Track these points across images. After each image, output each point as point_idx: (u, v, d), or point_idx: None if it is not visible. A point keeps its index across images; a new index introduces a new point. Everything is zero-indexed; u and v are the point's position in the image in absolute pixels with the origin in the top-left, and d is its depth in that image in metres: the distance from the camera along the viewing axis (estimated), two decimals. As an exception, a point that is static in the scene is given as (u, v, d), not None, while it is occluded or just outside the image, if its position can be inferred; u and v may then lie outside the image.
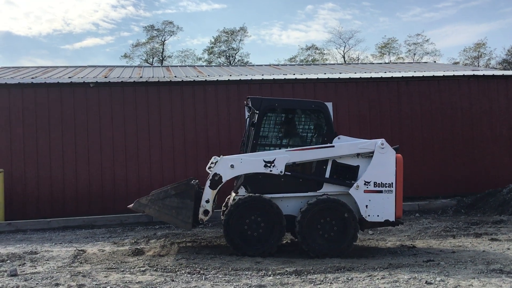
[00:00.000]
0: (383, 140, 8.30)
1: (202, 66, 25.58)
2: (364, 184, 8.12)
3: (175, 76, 16.15)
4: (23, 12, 75.56)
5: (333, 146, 8.24)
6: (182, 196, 8.08)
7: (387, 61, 45.45)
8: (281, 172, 8.10)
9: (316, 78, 14.84)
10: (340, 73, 16.70)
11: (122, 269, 7.08)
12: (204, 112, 14.03)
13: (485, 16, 73.44)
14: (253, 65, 24.59)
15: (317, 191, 8.24)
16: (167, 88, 14.09)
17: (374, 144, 8.26)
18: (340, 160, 8.33)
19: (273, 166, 8.09)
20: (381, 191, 8.12)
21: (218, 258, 7.74)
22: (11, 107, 13.38)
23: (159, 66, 24.58)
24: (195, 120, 13.97)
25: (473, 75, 15.22)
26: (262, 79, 14.64)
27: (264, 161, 8.11)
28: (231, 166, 8.14)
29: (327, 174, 8.31)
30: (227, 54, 51.12)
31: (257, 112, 8.43)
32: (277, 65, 23.44)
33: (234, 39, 51.08)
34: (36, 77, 15.43)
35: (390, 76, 15.25)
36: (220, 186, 8.19)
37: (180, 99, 14.02)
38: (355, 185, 8.12)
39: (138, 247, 8.87)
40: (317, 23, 75.48)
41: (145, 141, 13.75)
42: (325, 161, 8.30)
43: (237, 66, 31.47)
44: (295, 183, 8.26)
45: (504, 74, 15.43)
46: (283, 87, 14.44)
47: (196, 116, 13.98)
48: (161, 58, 50.38)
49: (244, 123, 9.36)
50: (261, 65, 22.09)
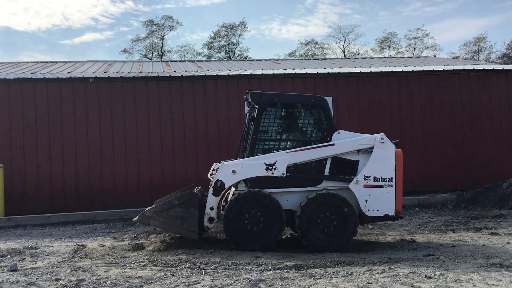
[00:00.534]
0: (383, 135, 8.28)
1: (202, 61, 25.53)
2: (364, 178, 8.11)
3: (175, 71, 16.13)
4: (22, 7, 75.47)
5: (333, 144, 8.23)
6: (186, 205, 8.07)
7: (387, 56, 45.33)
8: (283, 174, 8.12)
9: (316, 72, 14.81)
10: (340, 68, 16.67)
11: (122, 264, 7.09)
12: (204, 107, 14.00)
13: (485, 10, 73.39)
14: (253, 60, 24.55)
15: (317, 186, 8.24)
16: (167, 83, 14.06)
17: (374, 139, 8.24)
18: (340, 156, 8.32)
19: (275, 169, 8.09)
20: (380, 186, 8.12)
21: (218, 253, 7.74)
22: (11, 102, 13.36)
23: (159, 61, 24.53)
24: (194, 115, 13.95)
25: (473, 69, 15.18)
26: (262, 74, 14.60)
27: (265, 164, 8.10)
28: (233, 171, 8.13)
29: (327, 170, 8.30)
30: (227, 49, 51.07)
31: (257, 106, 8.40)
32: (277, 59, 23.40)
33: (233, 34, 51.04)
34: (35, 72, 15.41)
35: (390, 70, 15.22)
36: (223, 192, 8.20)
37: (179, 94, 14.00)
38: (354, 179, 8.11)
39: (138, 242, 8.88)
40: (317, 17, 75.43)
41: (144, 136, 13.74)
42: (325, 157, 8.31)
43: (236, 61, 31.39)
44: (295, 179, 8.26)
45: (504, 68, 15.39)
46: (283, 82, 14.42)
47: (195, 111, 13.96)
48: (160, 53, 50.30)
49: (244, 117, 9.33)
50: (261, 60, 22.07)
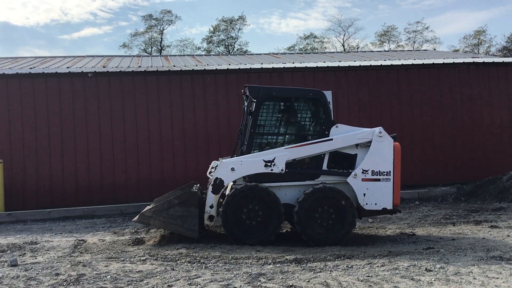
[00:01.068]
0: (381, 129, 8.28)
1: (201, 55, 25.49)
2: (362, 172, 8.13)
3: (174, 66, 16.09)
4: (21, 2, 75.22)
5: (332, 140, 8.23)
6: (186, 204, 8.00)
7: (386, 49, 45.23)
8: (282, 170, 8.10)
9: (315, 66, 14.77)
10: (340, 62, 16.62)
11: (123, 259, 7.09)
12: (203, 101, 13.98)
13: (485, 3, 73.18)
14: (252, 54, 24.48)
15: (315, 180, 8.24)
16: (166, 78, 14.03)
17: (372, 133, 8.24)
18: (338, 150, 8.32)
19: (274, 165, 8.07)
20: (378, 180, 8.13)
21: (218, 247, 7.74)
22: (9, 97, 13.33)
23: (158, 56, 24.47)
24: (194, 109, 13.92)
25: (473, 62, 15.14)
26: (261, 68, 14.57)
27: (264, 161, 8.08)
28: (232, 169, 8.08)
29: (325, 164, 8.30)
30: (226, 43, 50.92)
31: (255, 100, 8.38)
32: (276, 54, 23.34)
33: (233, 28, 50.87)
34: (34, 67, 15.36)
35: (389, 64, 15.18)
36: (222, 190, 8.15)
37: (179, 88, 13.96)
38: (353, 173, 8.13)
39: (138, 236, 8.89)
40: (316, 11, 75.17)
41: (144, 131, 13.72)
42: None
43: (236, 55, 31.28)
44: (293, 174, 8.25)
45: (504, 61, 15.36)
46: (282, 76, 14.39)
47: (195, 105, 13.93)
48: (159, 48, 50.15)
49: (242, 112, 9.30)
50: (260, 54, 22.01)
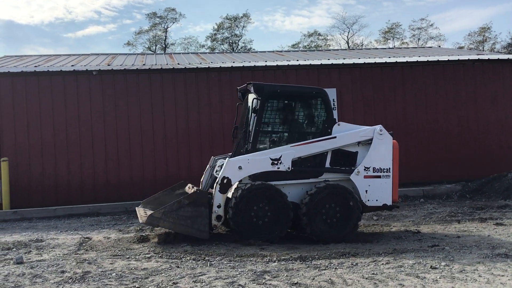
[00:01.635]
0: (381, 126, 8.45)
1: (205, 53, 25.48)
2: (364, 169, 8.28)
3: (178, 63, 16.09)
4: (25, 1, 75.47)
5: (335, 137, 8.33)
6: (196, 204, 7.83)
7: (391, 47, 45.09)
8: (288, 168, 8.13)
9: (319, 64, 14.75)
10: (344, 59, 16.59)
11: (128, 256, 7.11)
12: (208, 98, 13.98)
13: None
14: (256, 52, 24.43)
15: (318, 178, 8.31)
16: (170, 76, 14.04)
17: (373, 131, 8.41)
18: (341, 148, 8.42)
19: (280, 163, 8.10)
20: (379, 176, 8.30)
21: (223, 245, 7.74)
22: (15, 95, 13.38)
23: (162, 54, 24.49)
24: (198, 106, 13.93)
25: (478, 59, 15.10)
26: (266, 65, 14.56)
27: (270, 159, 8.10)
28: (239, 167, 8.02)
29: (328, 162, 8.39)
30: (230, 41, 50.88)
31: (259, 98, 8.37)
32: (281, 51, 23.28)
33: (237, 26, 50.83)
34: (39, 65, 15.40)
35: (394, 61, 15.14)
36: (229, 189, 8.03)
37: (183, 86, 13.97)
38: (355, 171, 8.26)
39: (143, 234, 8.90)
40: (320, 8, 74.96)
41: (148, 129, 13.74)
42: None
43: (240, 52, 31.28)
44: (297, 172, 8.28)
45: (509, 58, 15.32)
46: (287, 73, 14.37)
47: (199, 103, 13.94)
48: (164, 46, 50.19)
49: (243, 109, 9.24)
50: (264, 52, 21.96)
